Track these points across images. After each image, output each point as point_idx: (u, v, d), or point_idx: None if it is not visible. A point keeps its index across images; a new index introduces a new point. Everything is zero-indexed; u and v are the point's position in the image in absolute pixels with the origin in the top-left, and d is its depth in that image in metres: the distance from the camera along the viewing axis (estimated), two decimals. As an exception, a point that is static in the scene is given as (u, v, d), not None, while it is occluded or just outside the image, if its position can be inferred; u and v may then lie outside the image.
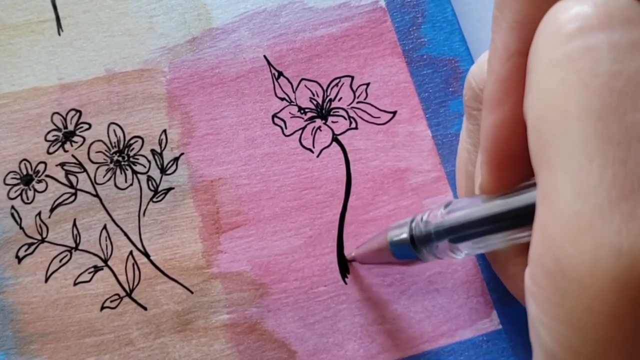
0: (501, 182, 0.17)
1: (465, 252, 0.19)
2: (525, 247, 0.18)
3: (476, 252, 0.18)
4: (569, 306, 0.12)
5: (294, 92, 0.28)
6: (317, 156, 0.28)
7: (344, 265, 0.27)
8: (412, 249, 0.20)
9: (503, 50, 0.16)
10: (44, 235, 0.27)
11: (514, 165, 0.16)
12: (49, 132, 0.28)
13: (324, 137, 0.28)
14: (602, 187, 0.11)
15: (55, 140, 0.28)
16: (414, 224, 0.20)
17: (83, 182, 0.27)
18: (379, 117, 0.28)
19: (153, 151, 0.28)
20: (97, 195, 0.27)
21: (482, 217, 0.17)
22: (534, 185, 0.15)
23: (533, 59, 0.14)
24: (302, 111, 0.28)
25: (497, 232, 0.17)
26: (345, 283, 0.27)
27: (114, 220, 0.27)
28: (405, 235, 0.20)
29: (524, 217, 0.16)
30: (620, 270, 0.11)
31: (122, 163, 0.28)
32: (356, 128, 0.28)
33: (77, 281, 0.27)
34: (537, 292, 0.13)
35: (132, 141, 0.28)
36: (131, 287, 0.27)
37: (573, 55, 0.13)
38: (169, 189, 0.27)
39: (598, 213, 0.11)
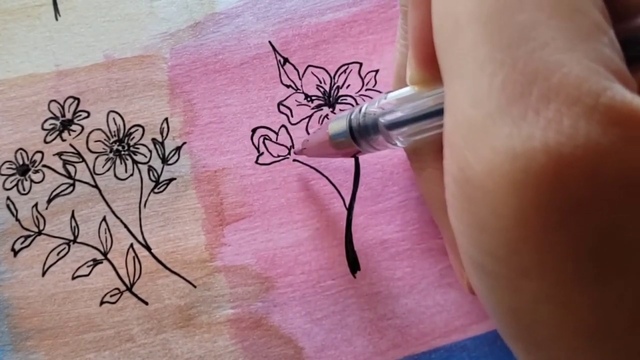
0: (428, 75, 0.17)
1: (400, 141, 0.19)
2: None
3: (410, 142, 0.19)
4: (477, 212, 0.12)
5: (300, 79, 0.27)
6: (325, 145, 0.27)
7: (353, 259, 0.26)
8: (351, 140, 0.21)
9: None
10: (41, 228, 0.26)
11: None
12: (46, 121, 0.27)
13: (332, 125, 0.27)
14: (492, 93, 0.12)
15: (53, 128, 0.27)
16: (352, 116, 0.21)
17: (81, 172, 0.26)
18: (388, 105, 0.27)
19: (154, 140, 0.27)
20: (96, 186, 0.26)
21: (412, 105, 0.18)
22: None
23: None
24: (308, 99, 0.27)
25: (425, 119, 0.17)
26: (354, 277, 0.26)
27: (113, 212, 0.26)
28: (344, 128, 0.21)
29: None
30: (516, 173, 0.11)
31: (122, 152, 0.27)
32: (365, 116, 0.27)
33: (76, 275, 0.26)
34: (451, 201, 0.14)
35: (132, 130, 0.27)
36: (132, 281, 0.26)
37: None
38: (170, 180, 0.26)
39: (491, 119, 0.12)
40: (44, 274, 0.26)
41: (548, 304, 0.12)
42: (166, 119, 0.27)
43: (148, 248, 0.26)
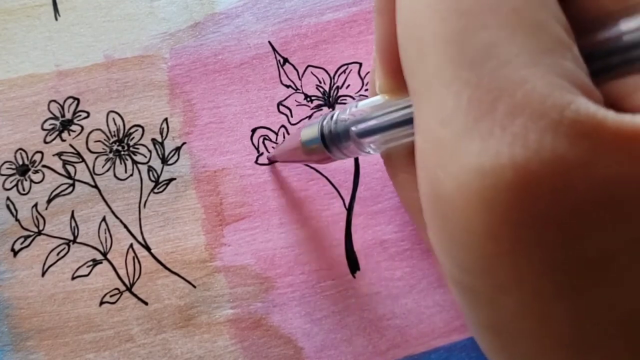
0: (396, 84, 0.17)
1: (372, 149, 0.19)
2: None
3: (381, 150, 0.19)
4: (451, 229, 0.12)
5: (300, 79, 0.27)
6: (324, 146, 0.27)
7: (353, 259, 0.26)
8: (323, 146, 0.21)
9: None
10: (41, 228, 0.26)
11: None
12: (45, 121, 0.27)
13: (331, 125, 0.27)
14: (459, 112, 0.12)
15: (53, 129, 0.27)
16: (324, 123, 0.21)
17: (81, 172, 0.26)
18: (388, 105, 0.27)
19: (154, 140, 0.27)
20: (95, 186, 0.26)
21: (381, 113, 0.18)
22: None
23: None
24: (308, 99, 0.27)
25: (394, 128, 0.17)
26: (354, 277, 0.26)
27: (113, 212, 0.26)
28: (316, 134, 0.21)
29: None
30: (485, 190, 0.11)
31: (122, 153, 0.27)
32: (364, 116, 0.27)
33: (75, 275, 0.26)
34: (427, 218, 0.14)
35: (132, 130, 0.27)
36: (131, 281, 0.26)
37: None
38: (170, 180, 0.26)
39: (459, 137, 0.12)
40: (43, 274, 0.26)
41: (526, 319, 0.12)
42: (166, 119, 0.27)
43: (148, 248, 0.26)
